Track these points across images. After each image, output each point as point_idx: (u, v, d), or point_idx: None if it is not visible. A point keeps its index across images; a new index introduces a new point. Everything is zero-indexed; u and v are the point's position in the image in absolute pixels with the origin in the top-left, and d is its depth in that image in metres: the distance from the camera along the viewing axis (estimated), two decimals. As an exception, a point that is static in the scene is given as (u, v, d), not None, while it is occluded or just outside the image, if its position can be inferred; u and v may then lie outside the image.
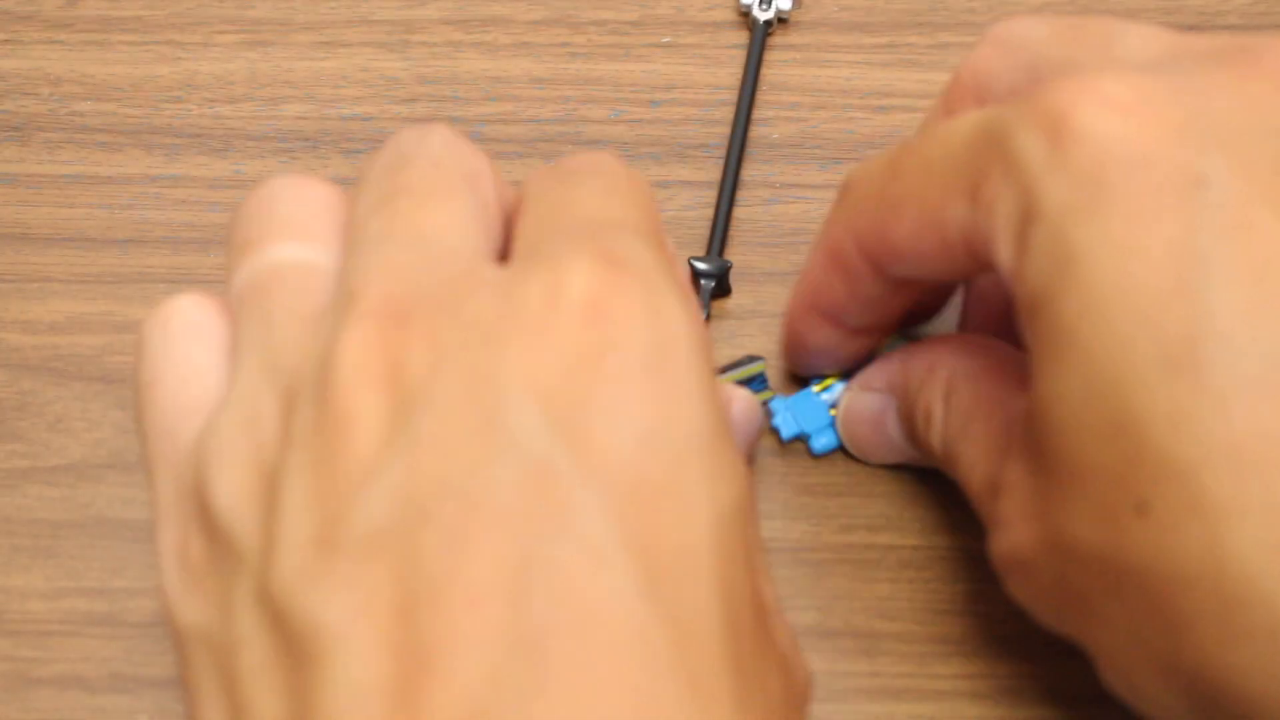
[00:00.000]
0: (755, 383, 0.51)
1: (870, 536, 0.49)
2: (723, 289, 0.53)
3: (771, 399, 0.51)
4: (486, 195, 0.35)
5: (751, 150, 0.57)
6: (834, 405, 0.50)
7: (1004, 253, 0.34)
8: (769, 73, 0.60)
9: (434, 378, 0.30)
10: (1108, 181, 0.31)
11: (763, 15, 0.61)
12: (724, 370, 0.50)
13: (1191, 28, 0.60)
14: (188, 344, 0.35)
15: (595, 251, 0.31)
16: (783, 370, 0.51)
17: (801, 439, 0.51)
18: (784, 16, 0.61)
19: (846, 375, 0.50)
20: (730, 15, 0.61)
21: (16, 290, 0.55)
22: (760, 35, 0.60)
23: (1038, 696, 0.47)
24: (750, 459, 0.48)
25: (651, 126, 0.58)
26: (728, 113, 0.58)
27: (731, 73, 0.60)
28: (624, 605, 0.28)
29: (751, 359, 0.50)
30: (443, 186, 0.34)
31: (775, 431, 0.51)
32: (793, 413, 0.50)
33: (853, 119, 0.59)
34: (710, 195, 0.56)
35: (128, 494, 0.51)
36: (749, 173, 0.57)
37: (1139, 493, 0.30)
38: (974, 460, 0.40)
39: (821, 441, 0.50)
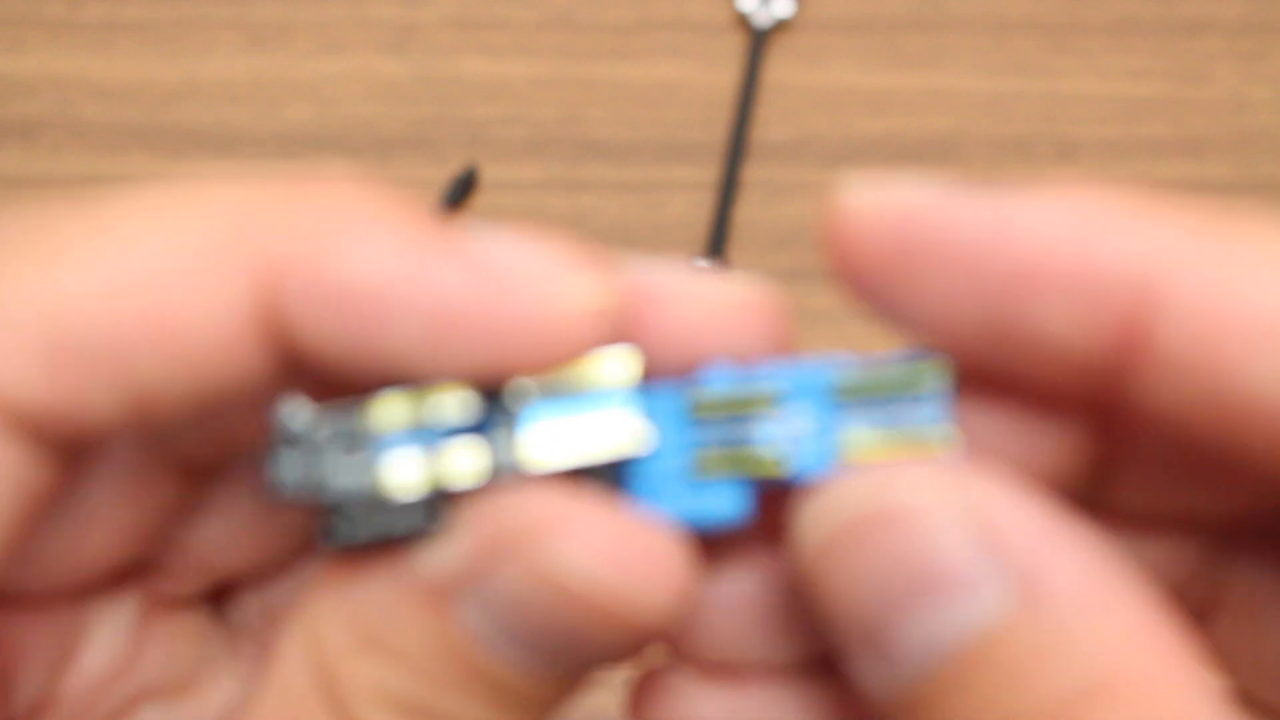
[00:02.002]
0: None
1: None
2: None
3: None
4: None
5: (751, 151, 0.58)
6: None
7: None
8: (769, 74, 0.60)
9: None
10: None
11: (761, 20, 0.61)
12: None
13: (1190, 26, 0.60)
14: None
15: None
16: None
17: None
18: (783, 19, 0.61)
19: None
20: (731, 17, 0.62)
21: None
22: (758, 40, 0.60)
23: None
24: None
25: (651, 128, 0.59)
26: (728, 114, 0.59)
27: (732, 74, 0.60)
28: None
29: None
30: None
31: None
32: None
33: (852, 120, 0.59)
34: (710, 196, 0.56)
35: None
36: (749, 173, 0.57)
37: None
38: None
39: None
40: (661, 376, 0.30)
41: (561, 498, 0.28)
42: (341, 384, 0.29)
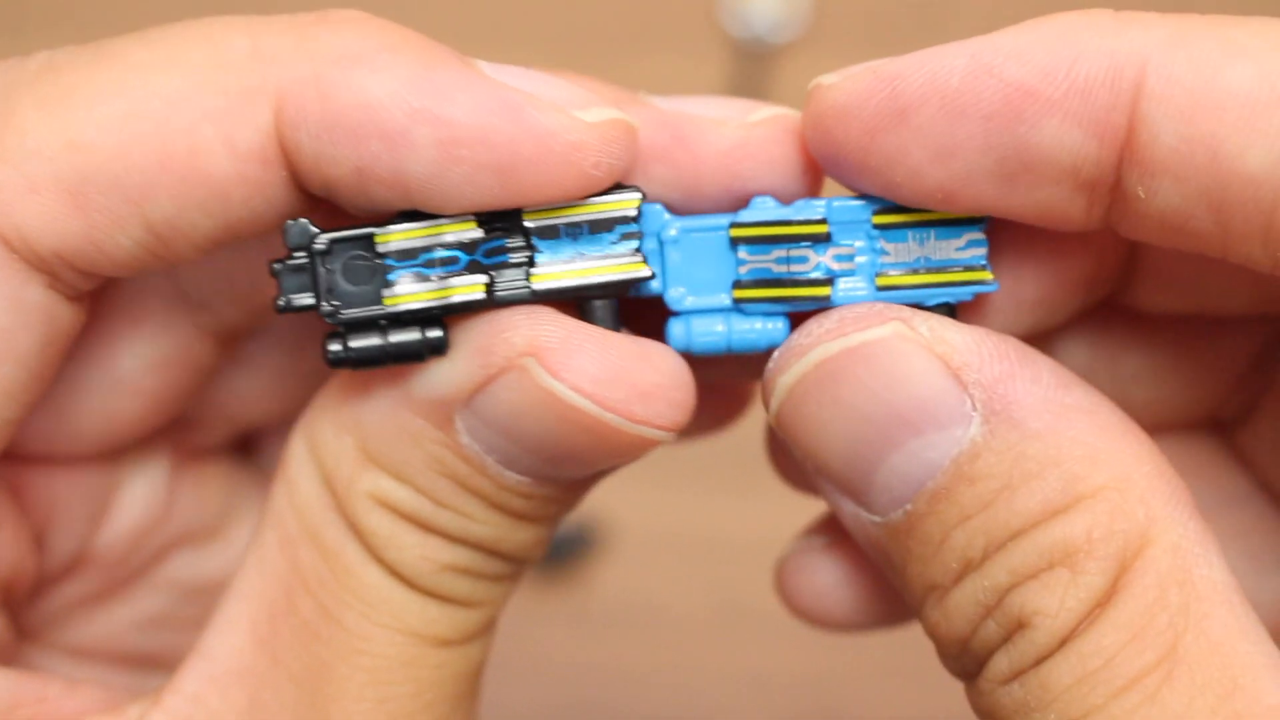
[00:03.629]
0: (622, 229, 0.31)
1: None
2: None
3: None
4: None
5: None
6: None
7: None
8: (777, 84, 0.60)
9: None
10: None
11: (772, 39, 0.61)
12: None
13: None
14: None
15: None
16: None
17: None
18: (793, 39, 0.61)
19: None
20: (740, 37, 0.62)
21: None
22: (765, 58, 0.60)
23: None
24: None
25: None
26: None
27: (734, 91, 0.60)
28: None
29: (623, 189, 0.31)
30: None
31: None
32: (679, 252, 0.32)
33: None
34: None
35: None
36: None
37: None
38: None
39: (684, 335, 0.32)
40: (702, 202, 0.31)
41: (563, 321, 0.29)
42: (357, 217, 0.30)
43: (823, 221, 0.31)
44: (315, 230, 0.29)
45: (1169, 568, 0.27)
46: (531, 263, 0.30)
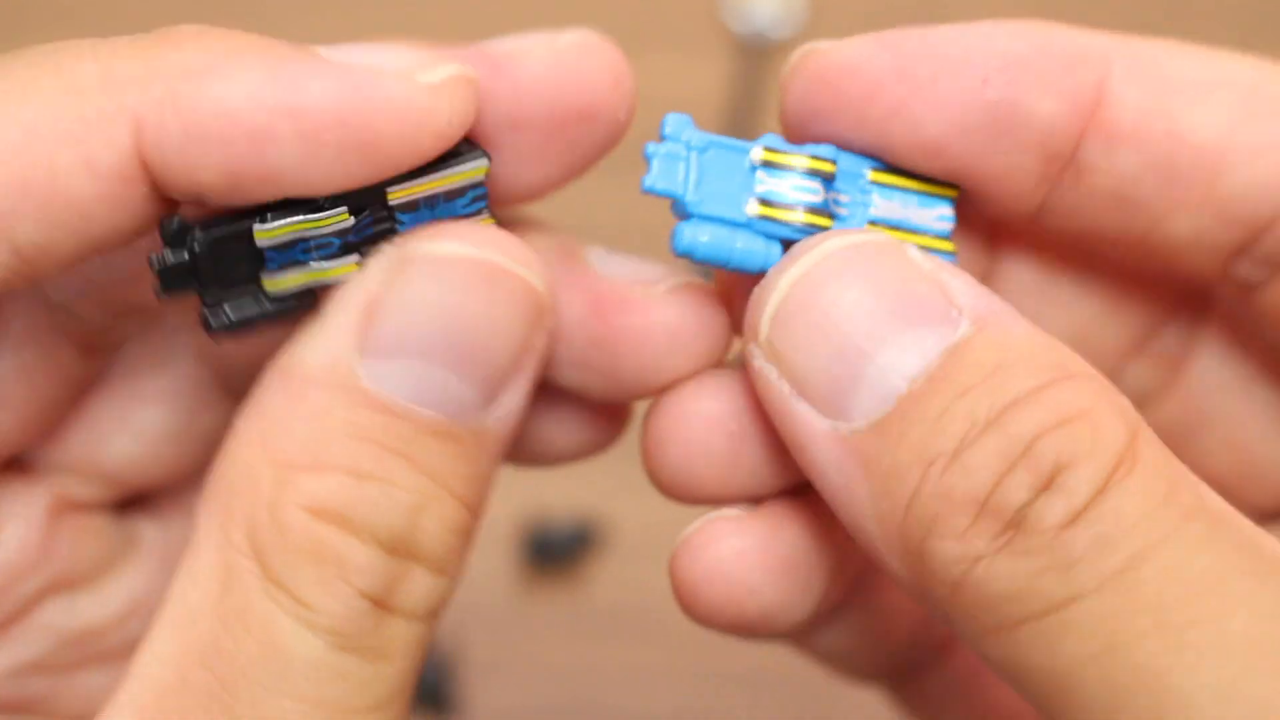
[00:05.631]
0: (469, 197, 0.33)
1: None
2: None
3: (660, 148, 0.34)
4: None
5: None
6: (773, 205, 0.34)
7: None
8: (776, 85, 0.60)
9: None
10: None
11: (772, 35, 0.61)
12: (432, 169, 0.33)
13: (1195, 34, 0.60)
14: None
15: None
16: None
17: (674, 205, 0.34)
18: (790, 36, 0.61)
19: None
20: (738, 34, 0.61)
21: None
22: (763, 57, 0.60)
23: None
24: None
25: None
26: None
27: (735, 86, 0.60)
28: None
29: (471, 149, 0.33)
30: None
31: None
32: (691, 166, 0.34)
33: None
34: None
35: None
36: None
37: None
38: None
39: (691, 237, 0.33)
40: (520, 122, 0.33)
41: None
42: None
43: (832, 162, 0.33)
44: (192, 228, 0.30)
45: (1165, 457, 0.29)
46: (395, 234, 0.32)
